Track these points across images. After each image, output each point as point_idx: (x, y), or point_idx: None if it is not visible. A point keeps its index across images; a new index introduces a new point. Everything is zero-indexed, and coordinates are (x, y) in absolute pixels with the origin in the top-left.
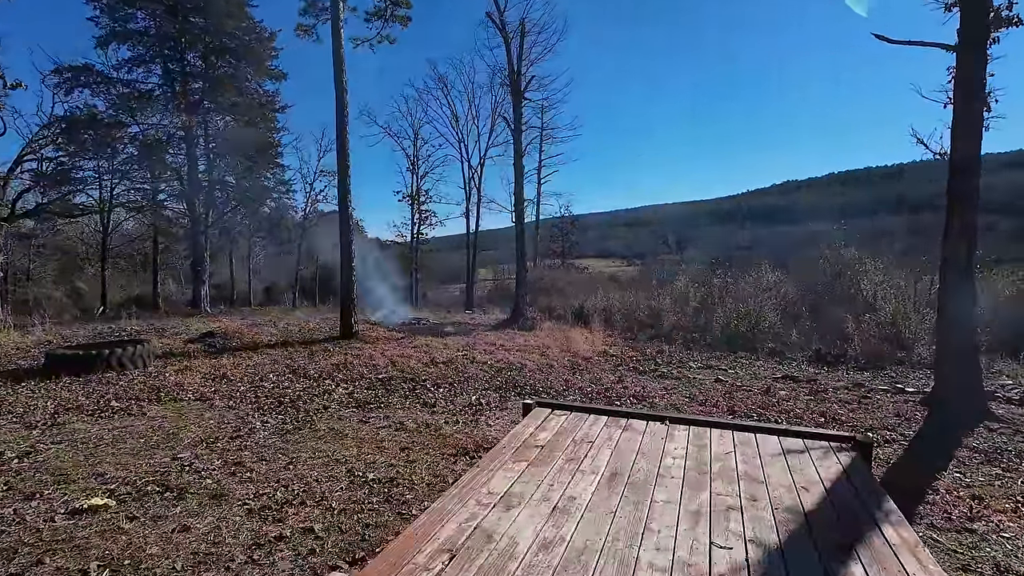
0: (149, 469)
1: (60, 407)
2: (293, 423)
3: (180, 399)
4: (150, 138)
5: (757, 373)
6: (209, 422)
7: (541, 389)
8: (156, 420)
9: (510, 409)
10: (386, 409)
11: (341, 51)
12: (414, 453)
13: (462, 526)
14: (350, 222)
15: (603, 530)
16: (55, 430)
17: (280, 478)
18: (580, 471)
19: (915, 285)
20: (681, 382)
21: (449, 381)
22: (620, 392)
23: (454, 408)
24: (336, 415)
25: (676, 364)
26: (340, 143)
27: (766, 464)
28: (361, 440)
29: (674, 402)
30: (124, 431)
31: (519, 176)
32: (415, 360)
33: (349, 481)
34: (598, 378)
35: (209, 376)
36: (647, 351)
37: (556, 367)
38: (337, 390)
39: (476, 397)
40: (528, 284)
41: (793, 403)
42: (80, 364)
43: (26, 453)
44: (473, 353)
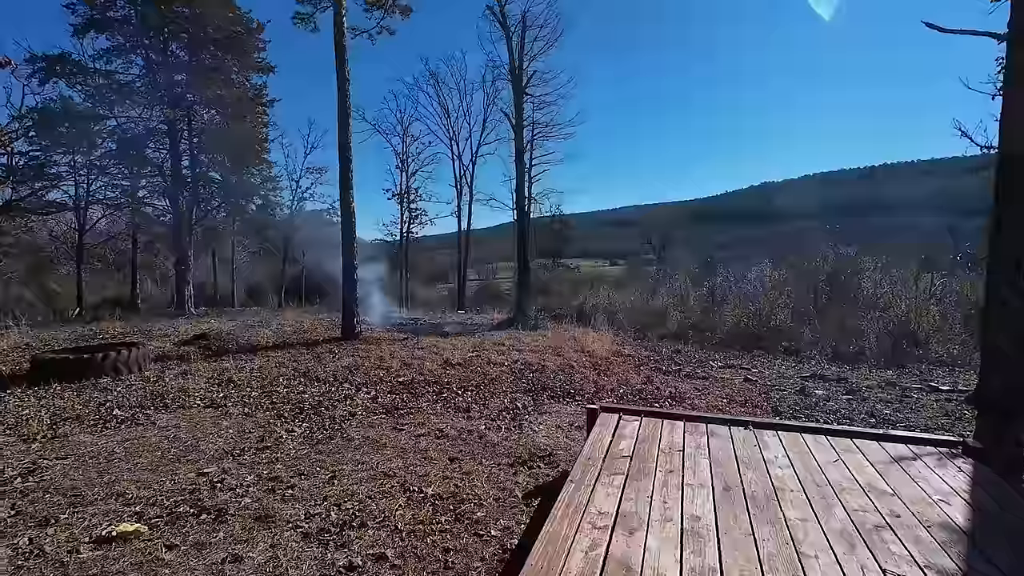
0: (175, 487)
1: (57, 417)
2: (321, 431)
3: (188, 406)
4: (130, 132)
5: (783, 372)
6: (228, 432)
7: (571, 391)
8: (168, 430)
9: (549, 412)
10: (417, 415)
11: (344, 40)
12: (466, 464)
13: (589, 556)
14: (352, 219)
15: (752, 555)
16: (56, 443)
17: (327, 495)
18: (687, 485)
19: (916, 283)
20: (709, 382)
21: (474, 384)
22: (654, 393)
23: (490, 413)
24: (366, 422)
25: (696, 364)
26: (342, 137)
27: (884, 474)
28: (403, 450)
29: (712, 403)
30: (135, 443)
31: (521, 173)
32: (429, 362)
33: (407, 498)
34: (625, 379)
35: (214, 381)
36: (662, 351)
37: (577, 368)
38: (359, 395)
39: (508, 400)
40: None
41: (835, 403)
42: (71, 369)
43: (29, 470)
44: (486, 354)
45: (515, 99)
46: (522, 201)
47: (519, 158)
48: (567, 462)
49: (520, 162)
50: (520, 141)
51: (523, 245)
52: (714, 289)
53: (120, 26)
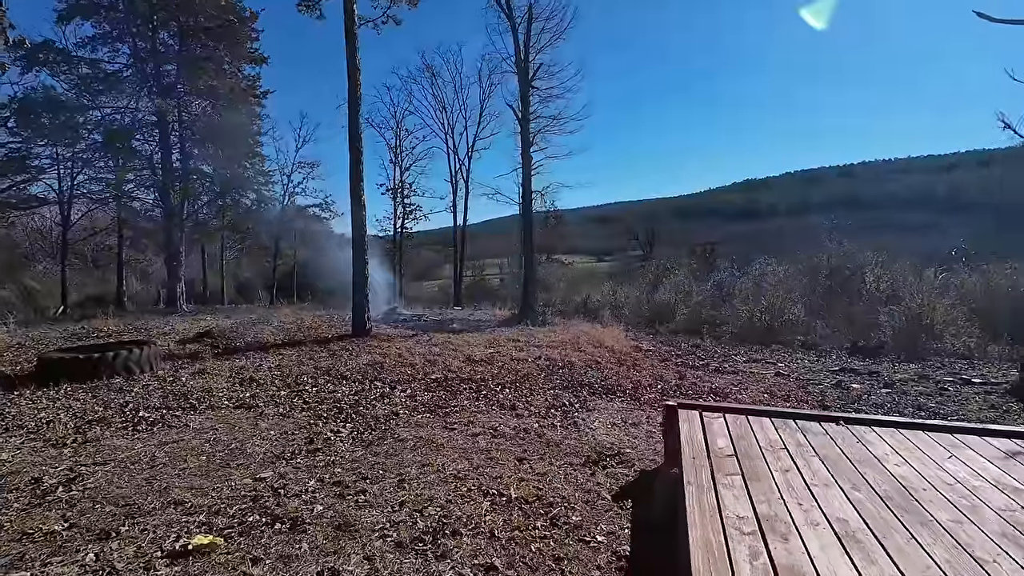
0: (234, 494)
1: (81, 420)
2: (369, 432)
3: (217, 407)
4: (116, 123)
5: (810, 367)
6: (270, 433)
7: (609, 387)
8: (205, 432)
9: (597, 409)
10: (463, 413)
11: (355, 28)
12: (536, 464)
13: (755, 565)
14: (363, 214)
15: (928, 562)
16: (90, 448)
17: (403, 500)
18: (812, 485)
19: (920, 277)
20: (741, 376)
21: (508, 381)
22: (694, 388)
23: (537, 410)
24: (412, 421)
25: (720, 358)
26: (353, 129)
27: (1007, 470)
28: (463, 450)
29: (754, 398)
30: (176, 447)
31: (527, 167)
32: (452, 359)
33: (489, 502)
34: (658, 374)
35: (235, 380)
36: (680, 346)
37: (604, 364)
38: (395, 393)
39: (551, 397)
40: (518, 280)
41: (877, 397)
42: (81, 369)
43: (69, 478)
44: (506, 351)
45: (521, 92)
46: (528, 195)
47: (525, 152)
48: (641, 461)
49: (527, 156)
50: (527, 134)
51: (529, 240)
52: (721, 284)
53: (106, 13)
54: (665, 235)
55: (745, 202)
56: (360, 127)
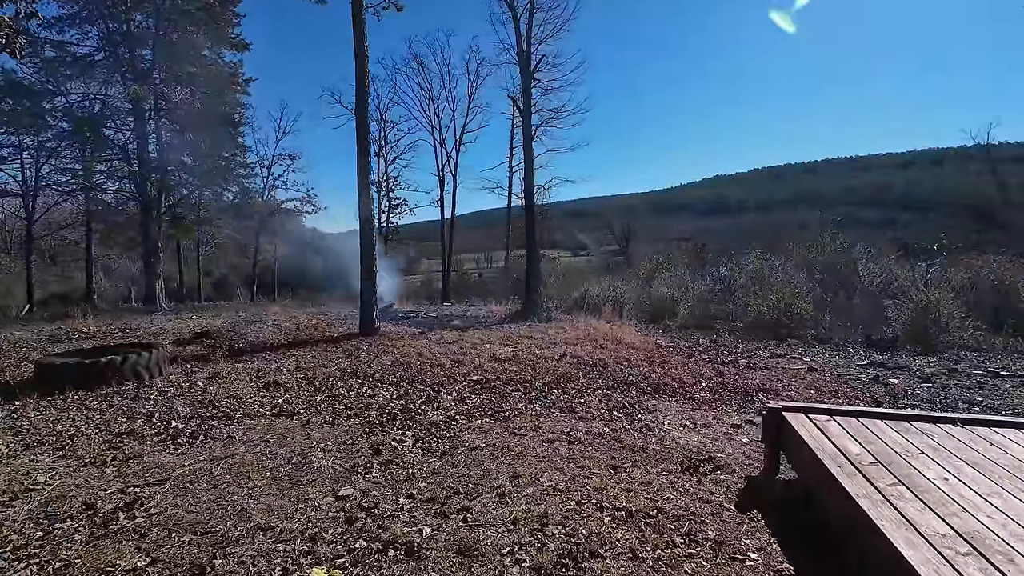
0: (322, 516)
1: (109, 433)
2: (436, 440)
3: (254, 415)
4: (86, 110)
5: (837, 361)
6: (327, 444)
7: (658, 386)
8: (255, 445)
9: (659, 410)
10: (523, 417)
11: (362, 12)
12: (633, 472)
13: None
14: (370, 207)
15: None
16: (135, 466)
17: (515, 518)
18: (986, 496)
19: (913, 271)
20: (776, 372)
21: (550, 381)
22: (741, 385)
23: (599, 413)
24: (474, 427)
25: (744, 353)
26: (360, 118)
27: None
28: (547, 458)
29: (803, 395)
30: (231, 463)
31: (529, 160)
32: (478, 358)
33: (610, 517)
34: (694, 371)
35: (257, 384)
36: (699, 341)
37: (634, 362)
38: (441, 396)
39: (603, 397)
40: (511, 275)
41: (922, 392)
42: (88, 375)
43: (127, 502)
44: (527, 348)
45: (523, 83)
46: (530, 189)
47: (527, 144)
48: (740, 467)
49: (528, 149)
50: (528, 127)
51: (532, 235)
52: (720, 279)
53: None
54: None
55: (715, 197)
56: (368, 118)
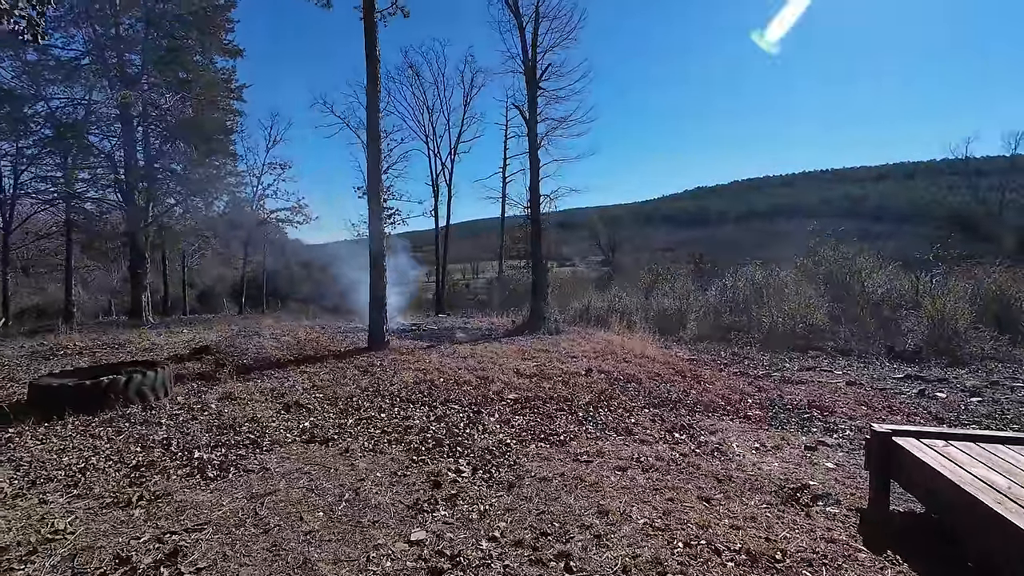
0: (403, 567)
1: (125, 466)
2: (496, 469)
3: (283, 442)
4: (70, 116)
5: (871, 374)
6: (376, 475)
7: (702, 403)
8: (296, 478)
9: (717, 431)
10: (580, 440)
11: (373, 16)
12: (729, 504)
13: None
14: (381, 218)
15: None
16: (165, 507)
17: (624, 565)
18: None
19: (917, 283)
20: (816, 386)
21: (589, 400)
22: (783, 399)
23: (658, 434)
24: (531, 453)
25: (772, 367)
26: (371, 126)
27: None
28: (626, 489)
29: (853, 410)
30: (275, 501)
31: (535, 170)
32: (502, 374)
33: (732, 562)
34: (733, 386)
35: (278, 406)
36: (720, 353)
37: (666, 376)
38: (483, 418)
39: (653, 418)
40: (507, 287)
41: (975, 406)
42: (89, 397)
43: (167, 554)
44: (549, 363)
45: (528, 93)
46: (536, 199)
47: (533, 154)
48: (843, 497)
49: (534, 158)
50: (534, 136)
51: (537, 246)
52: (734, 290)
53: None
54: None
55: (697, 209)
56: (379, 126)
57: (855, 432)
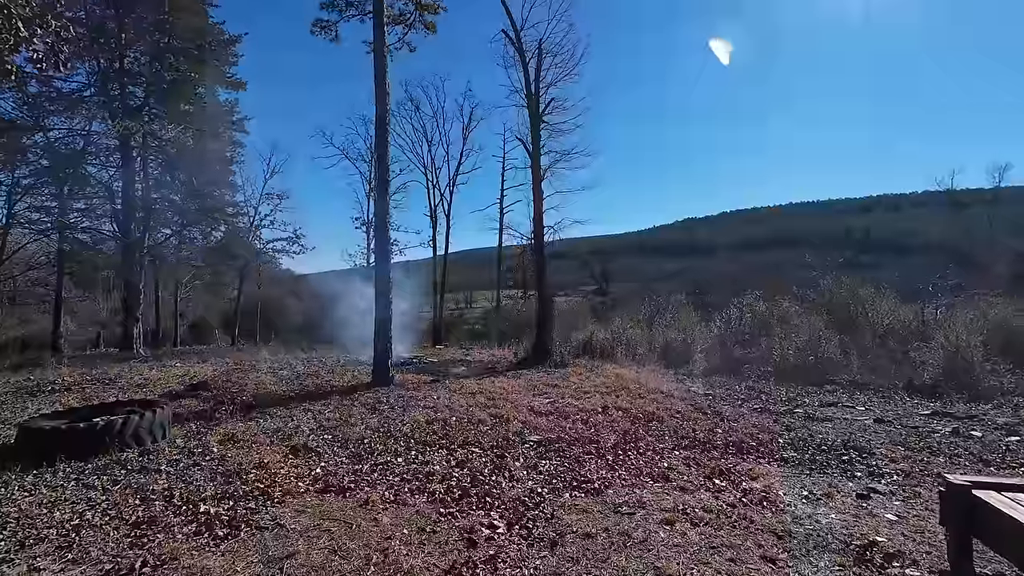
0: None
1: (124, 523)
2: (531, 523)
3: (295, 492)
4: (69, 147)
5: (894, 410)
6: (403, 532)
7: (731, 444)
8: (316, 537)
9: (756, 475)
10: (616, 488)
11: (384, 48)
12: (801, 567)
13: None
14: (389, 247)
15: None
16: (175, 575)
17: None
18: None
19: (922, 315)
20: (843, 424)
21: (614, 442)
22: (815, 440)
23: (699, 480)
24: (565, 504)
25: (792, 402)
26: (381, 155)
27: None
28: (679, 547)
29: (893, 452)
30: (296, 567)
31: (538, 202)
32: (515, 412)
33: None
34: (759, 424)
35: (284, 450)
36: (734, 388)
37: (687, 414)
38: (508, 462)
39: (687, 461)
40: (505, 317)
41: (1017, 447)
42: (83, 442)
43: None
44: (562, 399)
45: (531, 125)
46: (540, 230)
47: (536, 186)
48: (918, 557)
49: (537, 190)
50: (537, 169)
51: (542, 277)
52: (740, 322)
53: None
54: (617, 271)
55: (688, 239)
56: (388, 154)
57: (903, 477)
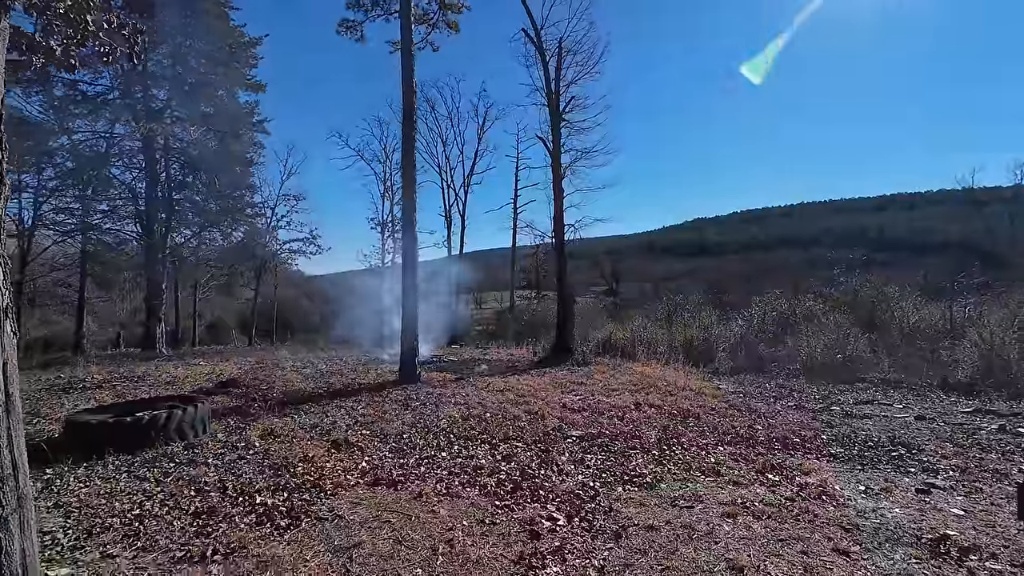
0: None
1: (189, 514)
2: (591, 516)
3: (345, 484)
4: (94, 149)
5: (934, 408)
6: (463, 523)
7: (775, 439)
8: (377, 528)
9: (812, 471)
10: (668, 483)
11: (412, 47)
12: (875, 558)
13: None
14: (416, 247)
15: None
16: (246, 563)
17: None
18: None
19: (950, 312)
20: (883, 421)
21: (657, 438)
22: (859, 436)
23: (750, 475)
24: (620, 497)
25: (826, 400)
26: (406, 153)
27: None
28: (746, 540)
29: (942, 449)
30: (365, 556)
31: (559, 200)
32: (548, 408)
33: None
34: (797, 420)
35: (326, 443)
36: (764, 385)
37: (722, 411)
38: (554, 455)
39: (735, 456)
40: (518, 317)
41: None
42: (130, 435)
43: None
44: (591, 396)
45: (552, 124)
46: (560, 228)
47: (557, 184)
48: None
49: (558, 188)
50: (558, 167)
51: (563, 276)
52: (763, 320)
53: None
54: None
55: (699, 239)
56: (413, 153)
57: (959, 473)
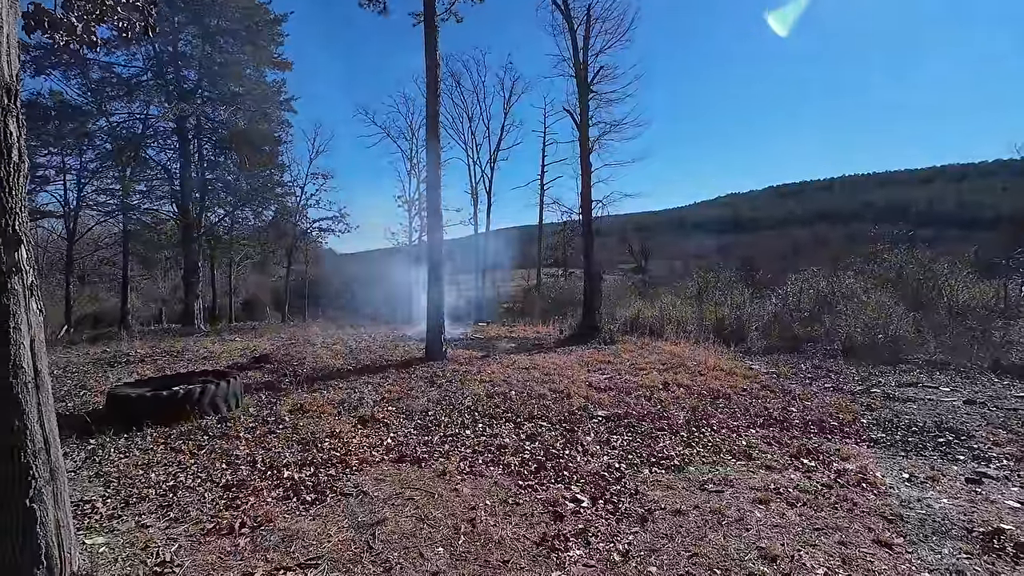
0: None
1: (220, 487)
2: (615, 498)
3: (371, 460)
4: (130, 130)
5: (984, 391)
6: (486, 503)
7: (811, 422)
8: (400, 505)
9: (853, 457)
10: (697, 465)
11: (435, 18)
12: (920, 551)
13: None
14: (441, 225)
15: None
16: (272, 536)
17: None
18: None
19: (1005, 291)
20: (928, 405)
21: (685, 419)
22: (902, 421)
23: (784, 460)
24: (648, 479)
25: (866, 381)
26: (431, 128)
27: None
28: (779, 528)
29: (995, 436)
30: (386, 532)
31: (586, 175)
32: (573, 386)
33: None
34: (835, 403)
35: (353, 420)
36: (800, 367)
37: (755, 392)
38: (579, 436)
39: (767, 439)
40: (544, 295)
41: None
42: (166, 408)
43: None
44: (616, 374)
45: (579, 95)
46: (588, 204)
47: (584, 158)
48: None
49: (585, 163)
50: (585, 140)
51: (590, 253)
52: (799, 298)
53: None
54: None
55: (732, 215)
56: (438, 128)
57: (1014, 462)
